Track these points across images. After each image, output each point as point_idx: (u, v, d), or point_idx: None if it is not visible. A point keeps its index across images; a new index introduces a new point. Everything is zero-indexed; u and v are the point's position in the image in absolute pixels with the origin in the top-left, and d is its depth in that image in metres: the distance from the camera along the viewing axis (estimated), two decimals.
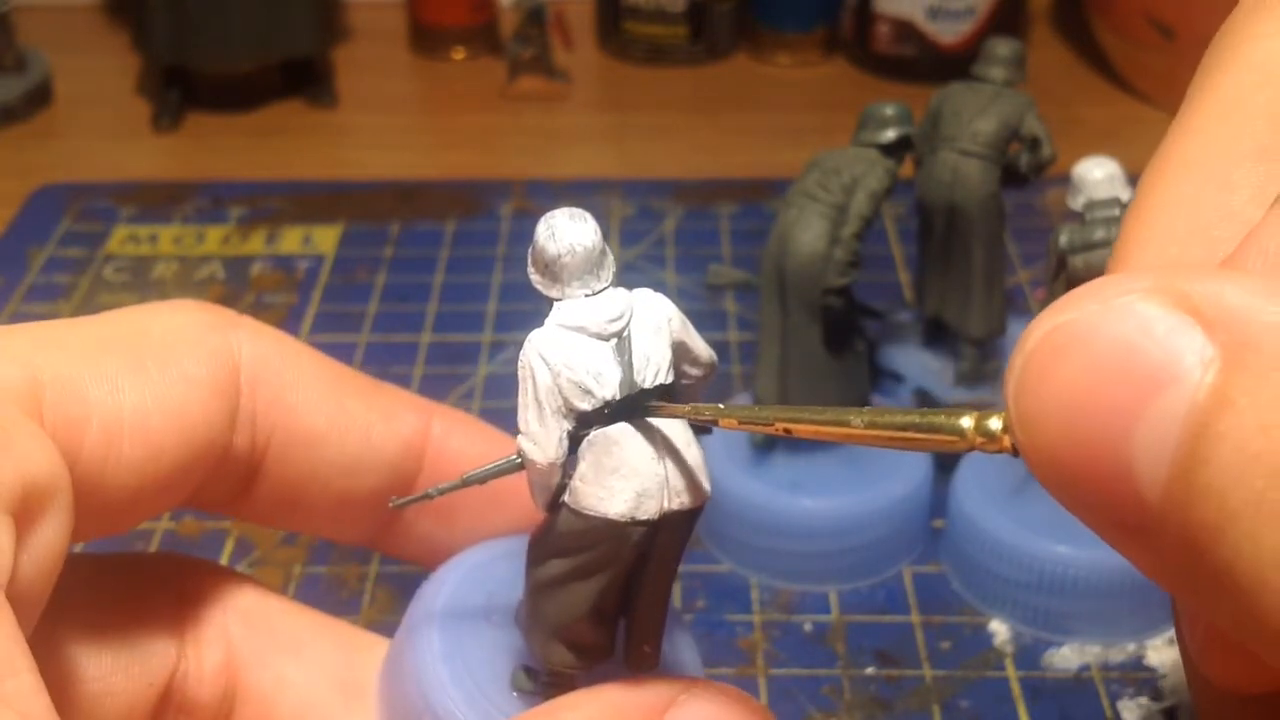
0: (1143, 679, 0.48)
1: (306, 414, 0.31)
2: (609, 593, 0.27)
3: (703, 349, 0.28)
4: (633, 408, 0.26)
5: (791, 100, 0.90)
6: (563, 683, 0.29)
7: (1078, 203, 0.48)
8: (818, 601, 0.51)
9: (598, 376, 0.26)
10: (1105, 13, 0.87)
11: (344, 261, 0.72)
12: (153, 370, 0.28)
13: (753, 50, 0.95)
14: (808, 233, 0.50)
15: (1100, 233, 0.47)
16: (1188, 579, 0.19)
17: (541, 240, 0.26)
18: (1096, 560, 0.48)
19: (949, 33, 0.88)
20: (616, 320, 0.26)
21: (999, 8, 0.88)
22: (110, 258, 0.72)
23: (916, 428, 0.22)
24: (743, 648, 0.49)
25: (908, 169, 0.53)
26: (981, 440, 0.22)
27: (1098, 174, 0.48)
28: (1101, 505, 0.20)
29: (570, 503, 0.27)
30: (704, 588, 0.52)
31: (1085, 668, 0.48)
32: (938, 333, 0.58)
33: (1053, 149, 0.53)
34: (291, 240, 0.74)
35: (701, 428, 0.28)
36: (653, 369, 0.27)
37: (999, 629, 0.50)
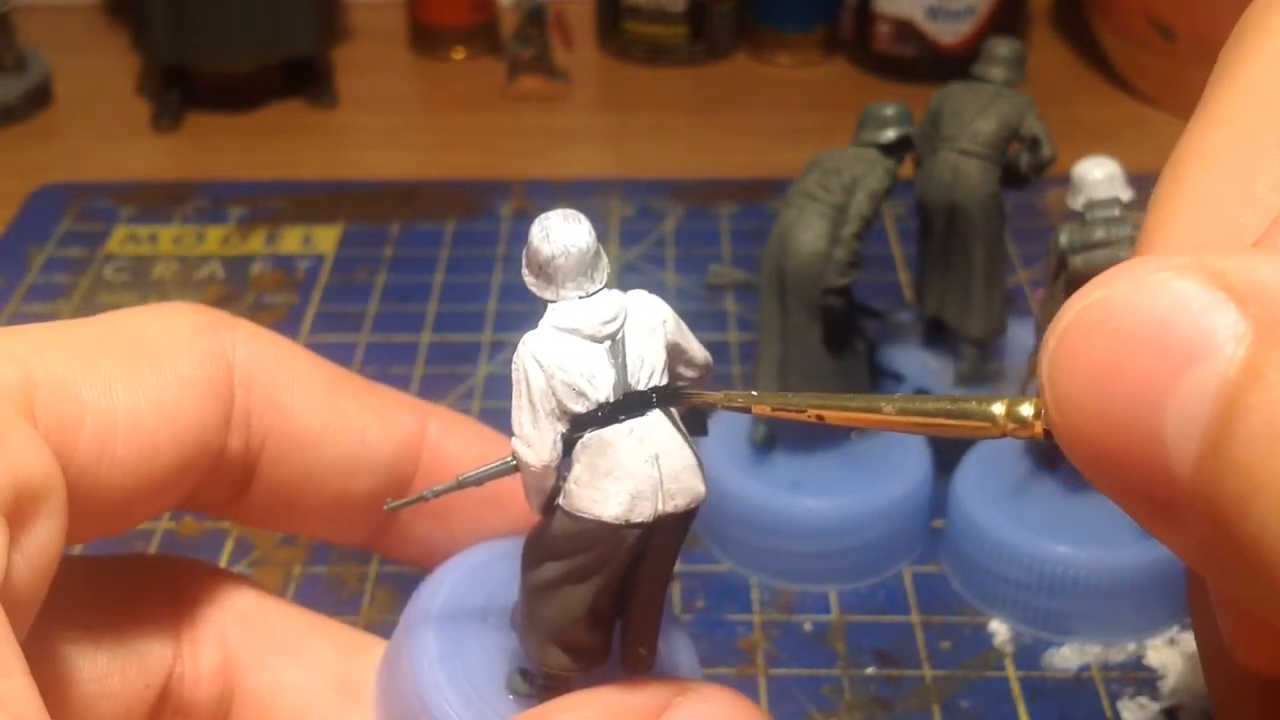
0: (1143, 679, 0.48)
1: (301, 416, 0.31)
2: (604, 595, 0.27)
3: (698, 350, 0.28)
4: (631, 408, 0.26)
5: (791, 100, 0.90)
6: (558, 685, 0.29)
7: (1078, 203, 0.48)
8: (818, 601, 0.51)
9: (591, 379, 0.26)
10: (1105, 13, 0.87)
11: (344, 261, 0.72)
12: (147, 372, 0.28)
13: (753, 50, 0.95)
14: (808, 233, 0.50)
15: (1100, 233, 0.47)
16: (1216, 556, 0.19)
17: (536, 242, 0.27)
18: (1096, 560, 0.48)
19: (949, 33, 0.88)
20: (610, 322, 0.26)
21: (999, 8, 0.88)
22: (110, 258, 0.72)
23: (948, 414, 0.22)
24: (743, 647, 0.49)
25: (908, 169, 0.53)
26: (1013, 426, 0.22)
27: (1098, 174, 0.48)
28: (1132, 481, 0.20)
29: (565, 505, 0.27)
30: (704, 588, 0.52)
31: (1085, 668, 0.48)
32: (938, 333, 0.58)
33: (1053, 149, 0.53)
34: (291, 240, 0.74)
35: (698, 429, 0.28)
36: (647, 370, 0.26)
37: (999, 629, 0.50)
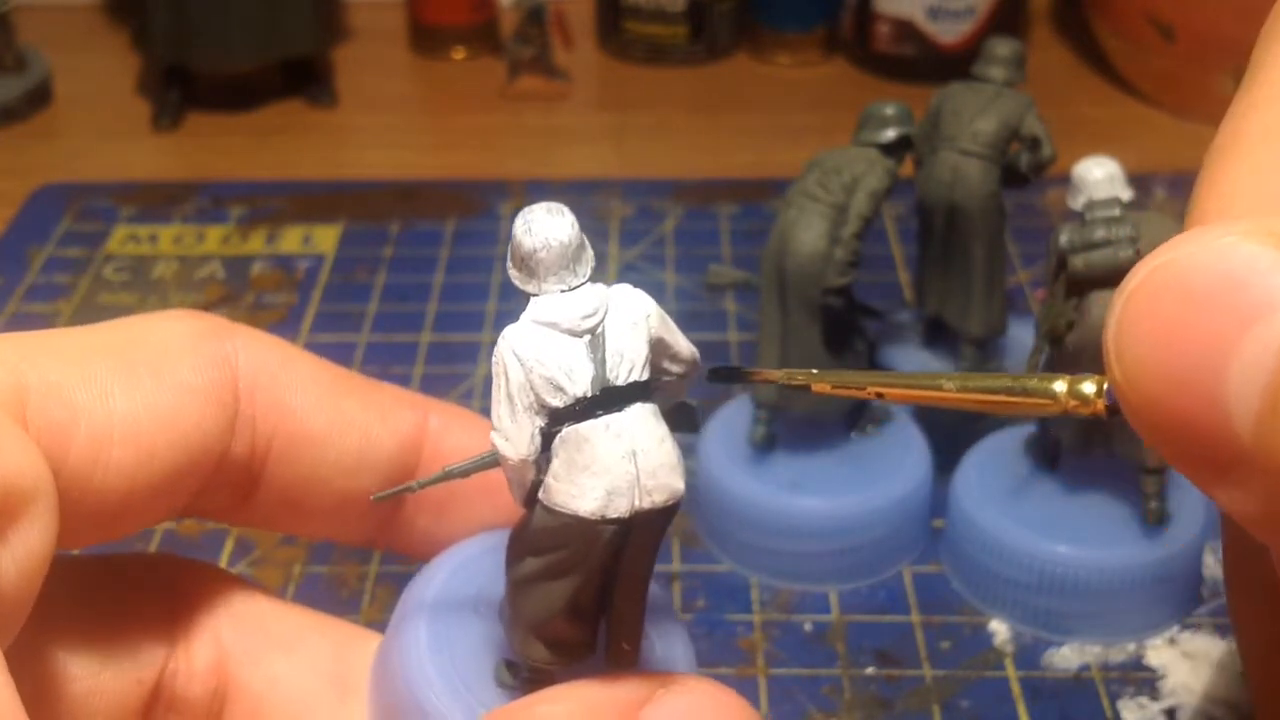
0: (1143, 679, 0.48)
1: (306, 417, 0.31)
2: (585, 590, 0.27)
3: (684, 345, 0.28)
4: (609, 403, 0.26)
5: (791, 100, 0.90)
6: (543, 678, 0.29)
7: (1078, 202, 0.48)
8: (818, 601, 0.51)
9: (569, 373, 0.26)
10: (1105, 13, 0.87)
11: (344, 261, 0.72)
12: (145, 376, 0.28)
13: (753, 50, 0.95)
14: (808, 232, 0.50)
15: (1100, 232, 0.47)
16: (1277, 519, 0.19)
17: (518, 235, 0.27)
18: (1096, 560, 0.48)
19: (949, 33, 0.88)
20: (590, 316, 0.26)
21: (999, 8, 0.88)
22: (110, 257, 0.72)
23: (1009, 391, 0.23)
24: (743, 647, 0.49)
25: (908, 169, 0.53)
26: (1075, 403, 0.22)
27: (1098, 174, 0.48)
28: (1195, 442, 0.20)
29: (543, 500, 0.27)
30: (704, 587, 0.52)
31: (1085, 667, 0.48)
32: (938, 333, 0.58)
33: (1053, 149, 0.53)
34: (291, 240, 0.74)
35: (689, 426, 0.28)
36: (626, 366, 0.26)
37: (999, 629, 0.50)
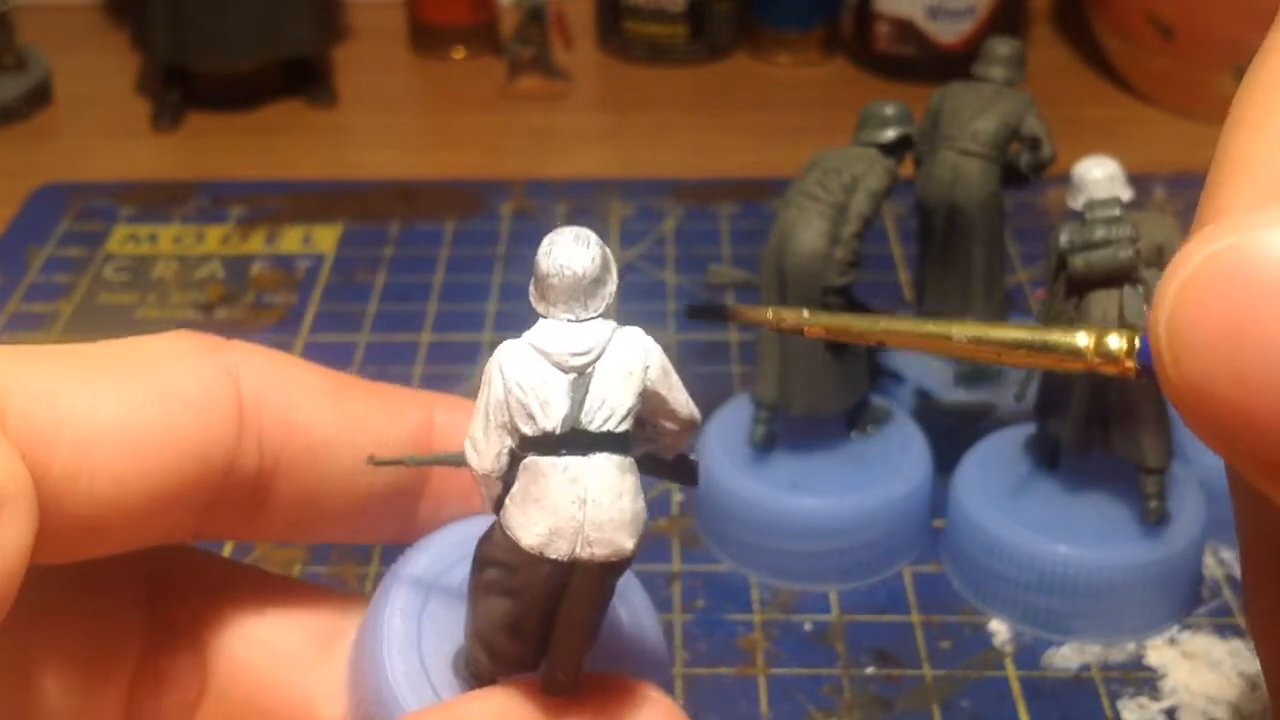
0: (1143, 679, 0.48)
1: (314, 424, 0.31)
2: (526, 615, 0.27)
3: (683, 405, 0.27)
4: (575, 445, 0.26)
5: (791, 100, 0.90)
6: (484, 678, 0.29)
7: (1078, 202, 0.48)
8: (818, 601, 0.51)
9: (544, 405, 0.25)
10: (1105, 12, 0.87)
11: (344, 261, 0.72)
12: (137, 387, 0.28)
13: (753, 50, 0.95)
14: (808, 232, 0.50)
15: (1100, 232, 0.47)
16: None
17: (538, 255, 0.26)
18: (1097, 560, 0.48)
19: (949, 32, 0.88)
20: (580, 355, 0.26)
21: (999, 7, 0.88)
22: (110, 257, 0.72)
23: (1029, 346, 0.21)
24: (743, 647, 0.49)
25: (908, 168, 0.53)
26: (1099, 360, 0.21)
27: (1098, 173, 0.48)
28: (1260, 442, 0.18)
29: (501, 518, 0.26)
30: (704, 587, 0.52)
31: (1085, 667, 0.48)
32: None
33: (1052, 148, 0.53)
34: (291, 240, 0.74)
35: (688, 479, 0.28)
36: (605, 413, 0.26)
37: (999, 628, 0.50)
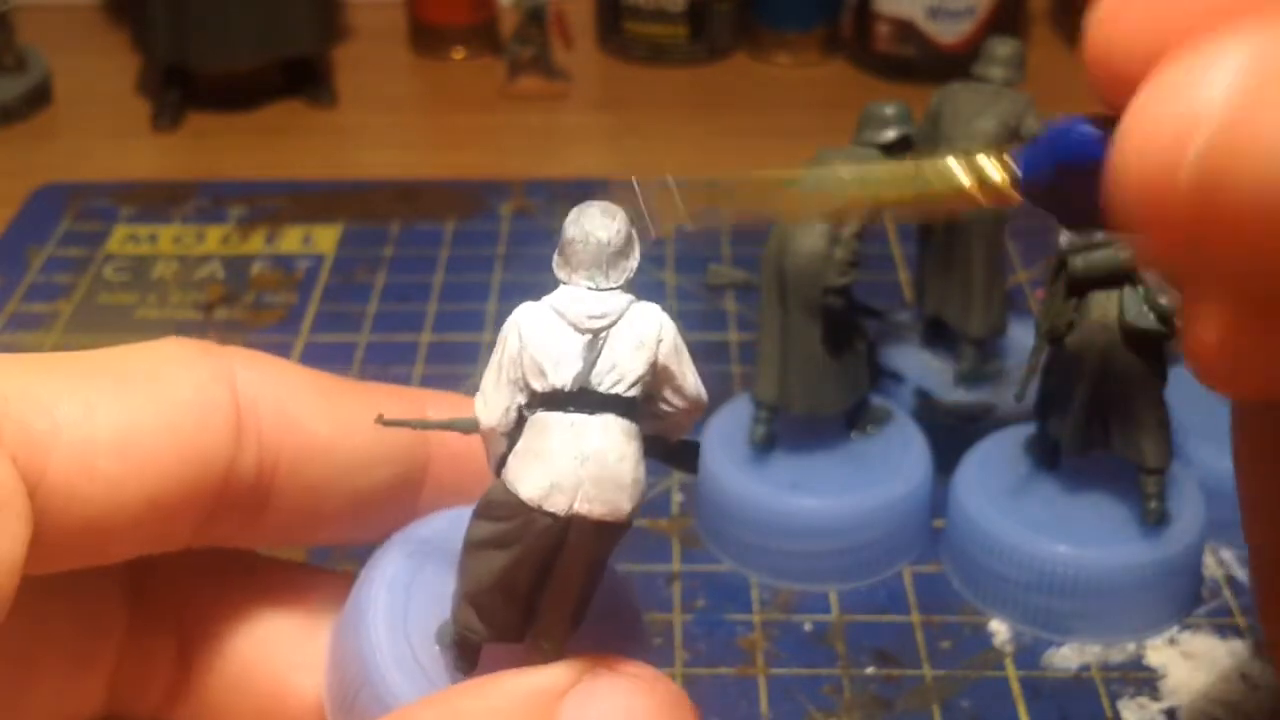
0: (1143, 678, 0.48)
1: (311, 425, 0.31)
2: (519, 571, 0.28)
3: (691, 383, 0.28)
4: (584, 404, 0.26)
5: (791, 100, 0.90)
6: (468, 646, 0.29)
7: None
8: (818, 601, 0.51)
9: (556, 362, 0.26)
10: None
11: (344, 261, 0.72)
12: (134, 392, 0.28)
13: (752, 50, 0.95)
14: (808, 233, 0.50)
15: (1100, 232, 0.47)
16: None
17: (566, 222, 0.27)
18: (1097, 560, 0.48)
19: (949, 33, 0.88)
20: (596, 319, 0.27)
21: (999, 8, 0.88)
22: (110, 257, 0.72)
23: (911, 183, 0.21)
24: (743, 647, 0.49)
25: None
26: (979, 188, 0.21)
27: None
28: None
29: (503, 473, 0.27)
30: (704, 587, 0.52)
31: (1085, 667, 0.48)
32: (938, 332, 0.58)
33: None
34: (291, 240, 0.74)
35: (688, 466, 0.29)
36: (614, 377, 0.27)
37: (999, 628, 0.50)
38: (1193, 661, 0.48)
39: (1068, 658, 0.49)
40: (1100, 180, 0.21)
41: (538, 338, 0.26)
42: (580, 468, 0.26)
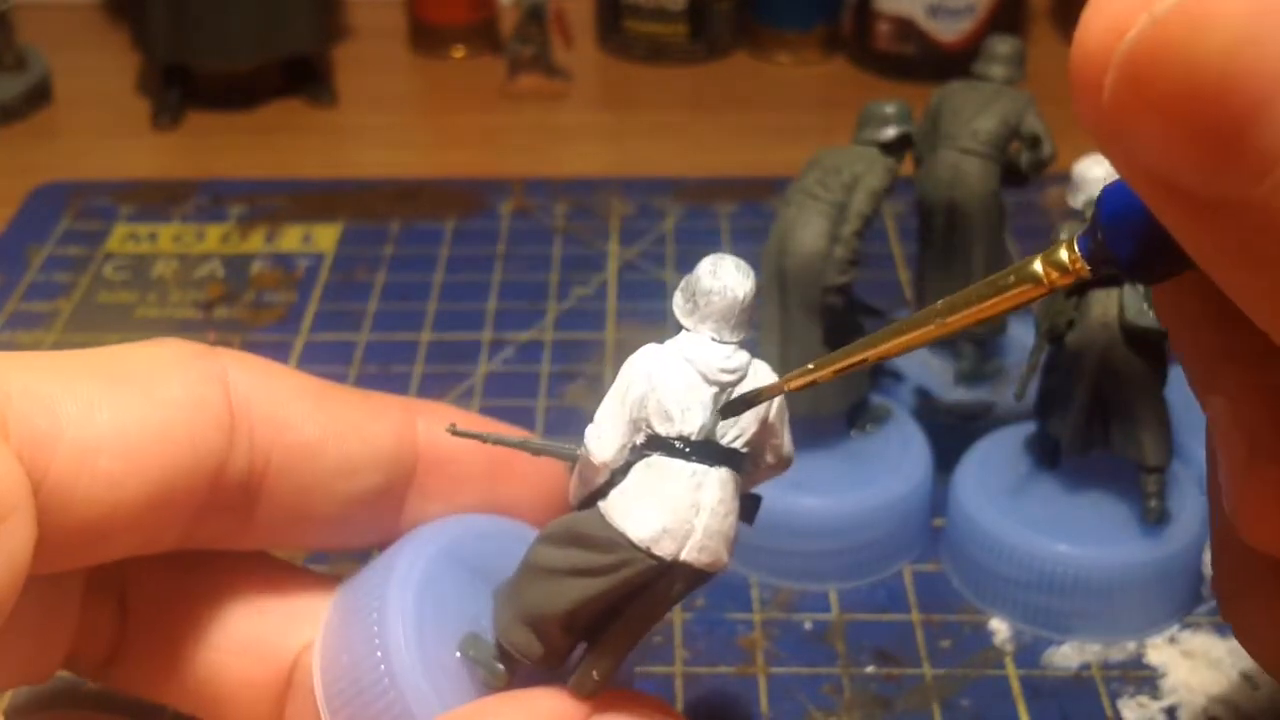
0: (1143, 677, 0.48)
1: (301, 427, 0.31)
2: (590, 605, 0.28)
3: (787, 444, 0.29)
4: (706, 456, 0.27)
5: (791, 99, 0.90)
6: (506, 664, 0.29)
7: (1078, 201, 0.48)
8: (818, 600, 0.51)
9: (685, 410, 0.27)
10: None
11: (344, 260, 0.72)
12: (133, 392, 0.28)
13: (753, 48, 0.95)
14: (808, 231, 0.50)
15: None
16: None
17: (701, 272, 0.28)
18: (1097, 558, 0.48)
19: (949, 31, 0.88)
20: (729, 374, 0.27)
21: (999, 6, 0.88)
22: (110, 256, 0.72)
23: (995, 293, 0.23)
24: (743, 646, 0.49)
25: (908, 167, 0.53)
26: (1056, 274, 0.23)
27: (1098, 172, 0.48)
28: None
29: (603, 506, 0.27)
30: (703, 586, 0.52)
31: (1085, 666, 0.48)
32: None
33: (1053, 147, 0.53)
34: (291, 239, 0.74)
35: (746, 518, 0.29)
36: (735, 432, 0.27)
37: (999, 627, 0.50)
38: (1193, 660, 0.48)
39: (1068, 656, 0.49)
40: (1150, 225, 0.21)
41: (669, 383, 0.27)
42: (695, 517, 0.27)
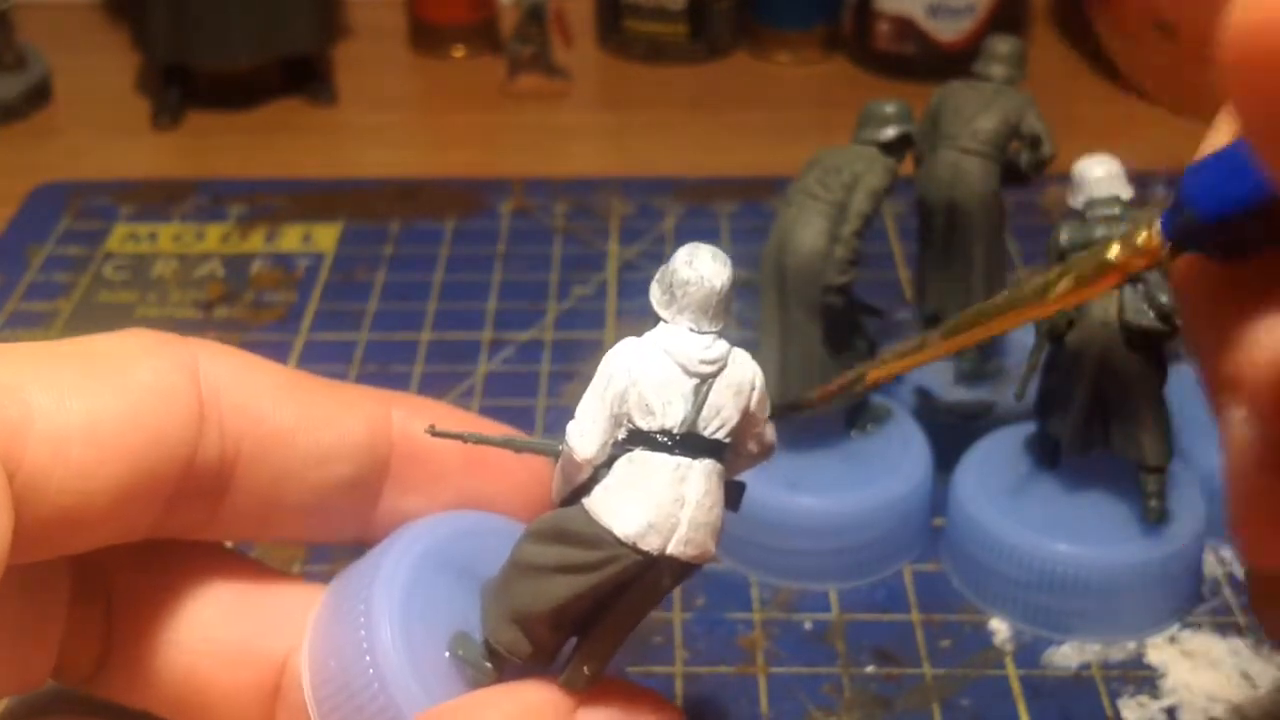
0: (1143, 677, 0.48)
1: (274, 415, 0.31)
2: (578, 602, 0.28)
3: (769, 432, 0.29)
4: (689, 449, 0.27)
5: (791, 98, 0.90)
6: (494, 662, 0.29)
7: (1078, 201, 0.48)
8: (818, 600, 0.51)
9: (666, 403, 0.27)
10: (1106, 11, 0.87)
11: (344, 259, 0.72)
12: (104, 380, 0.28)
13: (752, 48, 0.95)
14: (808, 231, 0.50)
15: (1100, 231, 0.47)
16: None
17: (677, 262, 0.28)
18: (1097, 558, 0.48)
19: (949, 30, 0.88)
20: (710, 364, 0.27)
21: (999, 5, 0.88)
22: (110, 256, 0.72)
23: (1077, 283, 0.22)
24: (742, 646, 0.49)
25: (908, 167, 0.53)
26: (1133, 258, 0.21)
27: (1098, 172, 0.48)
28: None
29: (587, 503, 0.27)
30: (703, 586, 0.52)
31: (1085, 666, 0.48)
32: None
33: (1053, 146, 0.53)
34: (291, 238, 0.74)
35: (731, 504, 0.29)
36: (717, 423, 0.27)
37: (999, 627, 0.50)
38: (1193, 660, 0.48)
39: (1068, 656, 0.49)
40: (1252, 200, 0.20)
41: (649, 376, 0.27)
42: (680, 510, 0.27)
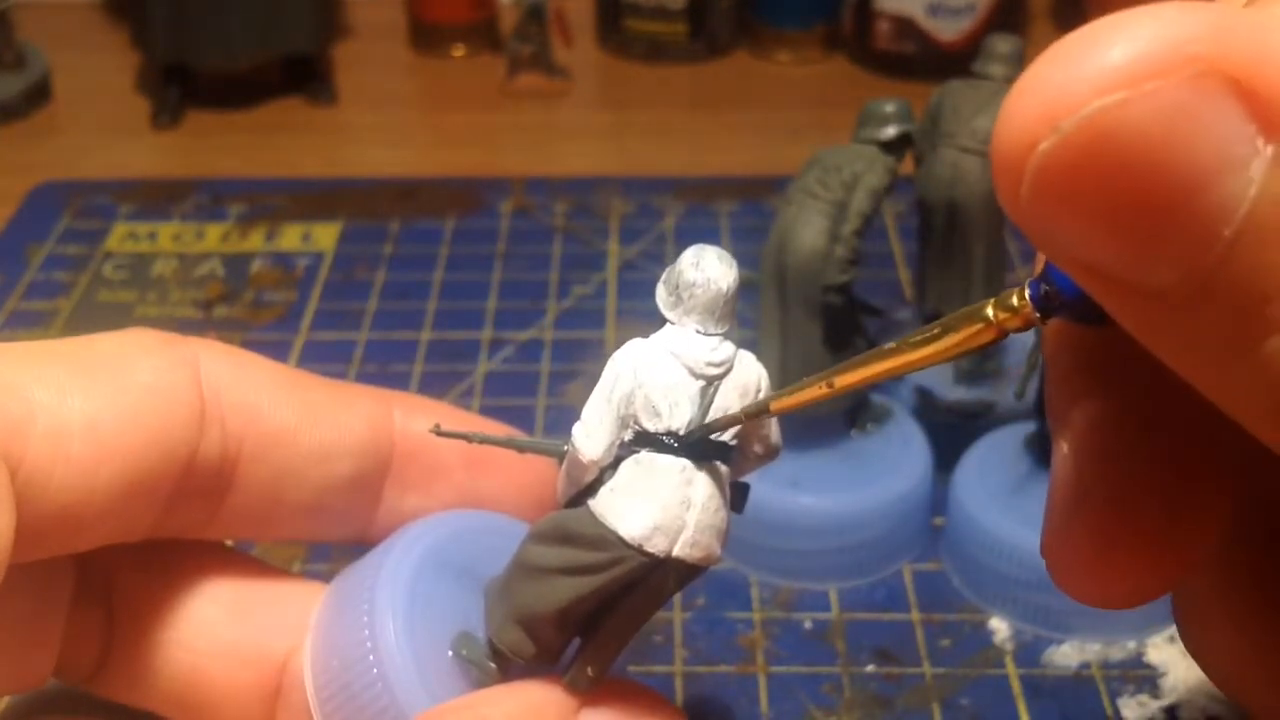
0: (1143, 677, 0.48)
1: (275, 413, 0.31)
2: (582, 603, 0.28)
3: (774, 433, 0.29)
4: (695, 452, 0.27)
5: (791, 97, 0.90)
6: (498, 662, 0.29)
7: None
8: (818, 599, 0.51)
9: (672, 406, 0.27)
10: (1105, 10, 0.87)
11: (344, 259, 0.72)
12: (104, 378, 0.28)
13: (752, 47, 0.95)
14: (808, 230, 0.50)
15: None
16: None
17: (684, 264, 0.27)
18: None
19: (949, 30, 0.88)
20: (717, 366, 0.27)
21: (999, 5, 0.88)
22: (110, 255, 0.72)
23: (946, 333, 0.22)
24: (743, 645, 0.49)
25: (908, 166, 0.53)
26: (1005, 316, 0.22)
27: None
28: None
29: (593, 505, 0.27)
30: (704, 585, 0.52)
31: (1085, 665, 0.48)
32: None
33: None
34: (291, 237, 0.74)
35: (737, 506, 0.29)
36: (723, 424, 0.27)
37: (999, 626, 0.50)
38: (1192, 659, 0.48)
39: (1068, 656, 0.49)
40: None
41: (655, 379, 0.27)
42: (686, 513, 0.27)
